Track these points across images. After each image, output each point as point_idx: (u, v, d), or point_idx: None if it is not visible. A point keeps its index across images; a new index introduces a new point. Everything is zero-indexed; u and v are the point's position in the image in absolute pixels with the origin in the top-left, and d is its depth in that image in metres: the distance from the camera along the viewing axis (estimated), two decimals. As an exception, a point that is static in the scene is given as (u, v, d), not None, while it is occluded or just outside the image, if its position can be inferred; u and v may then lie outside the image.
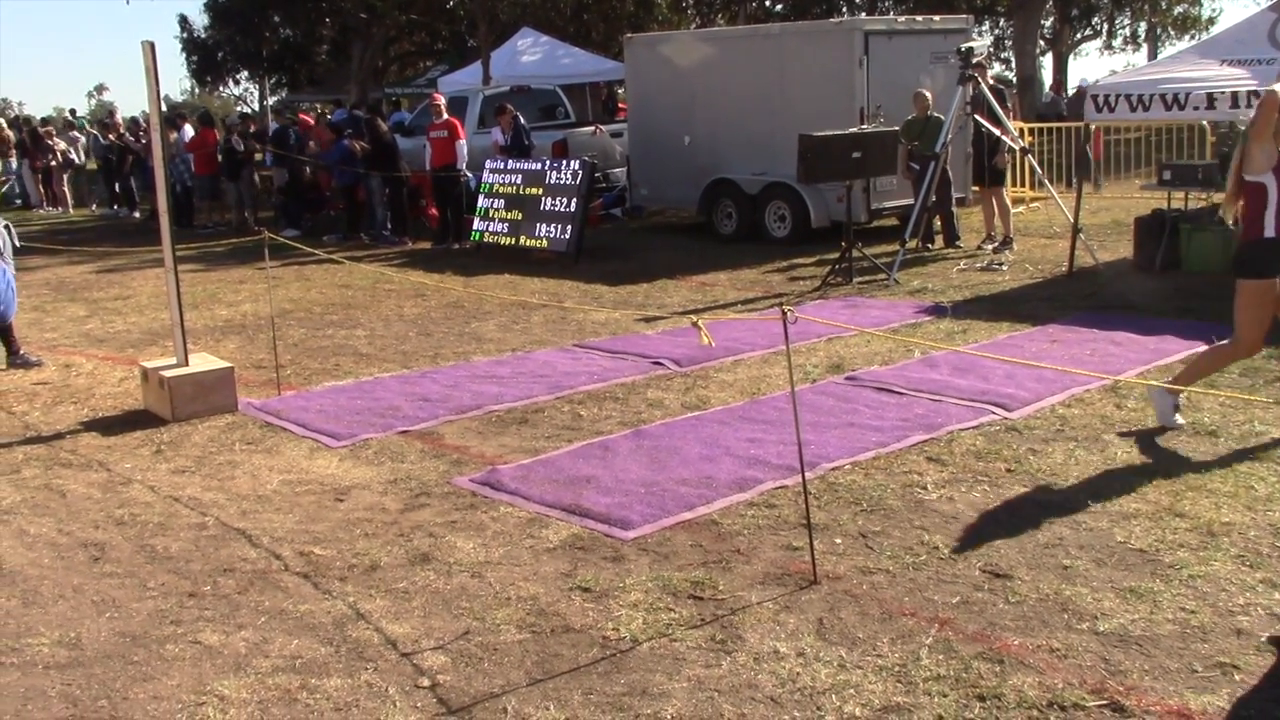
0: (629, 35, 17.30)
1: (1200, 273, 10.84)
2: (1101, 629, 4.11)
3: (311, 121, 21.71)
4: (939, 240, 13.52)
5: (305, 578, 4.88)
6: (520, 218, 14.24)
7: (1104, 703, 3.65)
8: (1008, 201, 13.43)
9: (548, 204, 13.96)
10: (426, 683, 3.96)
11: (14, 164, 25.02)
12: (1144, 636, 4.05)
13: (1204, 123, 16.38)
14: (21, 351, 9.20)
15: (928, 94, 12.95)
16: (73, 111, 35.78)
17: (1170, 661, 3.88)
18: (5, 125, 26.96)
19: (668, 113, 15.56)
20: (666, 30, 30.03)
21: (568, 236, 13.64)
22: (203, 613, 4.57)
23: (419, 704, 3.83)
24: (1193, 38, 42.67)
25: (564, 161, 14.50)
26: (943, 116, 12.30)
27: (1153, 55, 44.29)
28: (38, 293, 12.92)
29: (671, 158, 15.50)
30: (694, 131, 15.28)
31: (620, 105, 23.67)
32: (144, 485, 6.19)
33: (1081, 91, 23.36)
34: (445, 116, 15.58)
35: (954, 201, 13.52)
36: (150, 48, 7.18)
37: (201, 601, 4.68)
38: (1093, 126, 16.87)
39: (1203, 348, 7.98)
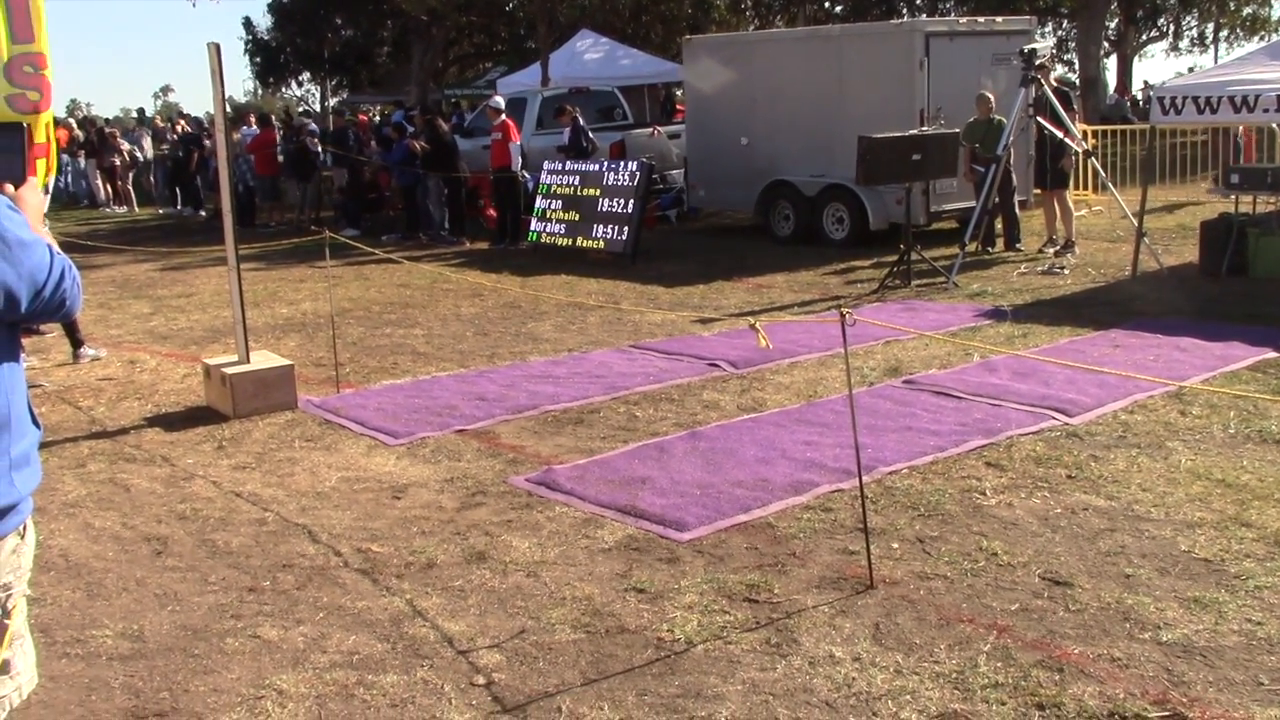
0: (687, 37, 17.28)
1: (1267, 278, 10.64)
2: (1164, 639, 4.04)
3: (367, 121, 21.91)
4: (999, 243, 13.38)
5: (363, 574, 4.92)
6: (578, 219, 14.29)
7: (1166, 714, 3.59)
8: (1070, 204, 13.25)
9: (605, 205, 13.99)
10: (481, 681, 3.98)
11: (81, 163, 25.51)
12: (1208, 647, 3.98)
13: (1274, 125, 16.11)
14: (84, 346, 9.39)
15: (990, 96, 12.82)
16: (141, 111, 36.44)
17: (1235, 673, 3.81)
18: (75, 125, 27.50)
19: (726, 114, 15.52)
20: (725, 32, 30.00)
21: (625, 237, 13.66)
22: (262, 607, 4.63)
23: (474, 701, 3.85)
24: (1262, 39, 41.89)
25: (621, 163, 14.53)
26: (1005, 119, 12.18)
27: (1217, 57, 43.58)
28: (103, 290, 13.16)
29: (729, 159, 15.44)
30: (752, 133, 15.23)
31: (678, 107, 23.65)
32: (206, 480, 6.28)
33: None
34: (500, 119, 15.65)
35: (1016, 204, 13.39)
36: (215, 50, 7.27)
37: (261, 596, 4.74)
38: (1241, 128, 16.49)
39: (1270, 353, 7.84)
